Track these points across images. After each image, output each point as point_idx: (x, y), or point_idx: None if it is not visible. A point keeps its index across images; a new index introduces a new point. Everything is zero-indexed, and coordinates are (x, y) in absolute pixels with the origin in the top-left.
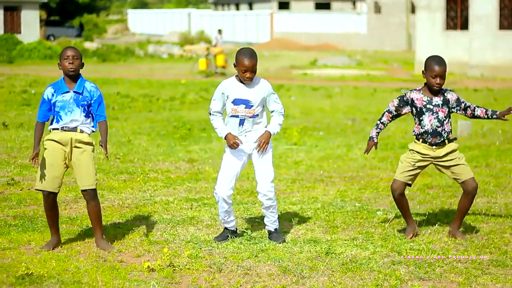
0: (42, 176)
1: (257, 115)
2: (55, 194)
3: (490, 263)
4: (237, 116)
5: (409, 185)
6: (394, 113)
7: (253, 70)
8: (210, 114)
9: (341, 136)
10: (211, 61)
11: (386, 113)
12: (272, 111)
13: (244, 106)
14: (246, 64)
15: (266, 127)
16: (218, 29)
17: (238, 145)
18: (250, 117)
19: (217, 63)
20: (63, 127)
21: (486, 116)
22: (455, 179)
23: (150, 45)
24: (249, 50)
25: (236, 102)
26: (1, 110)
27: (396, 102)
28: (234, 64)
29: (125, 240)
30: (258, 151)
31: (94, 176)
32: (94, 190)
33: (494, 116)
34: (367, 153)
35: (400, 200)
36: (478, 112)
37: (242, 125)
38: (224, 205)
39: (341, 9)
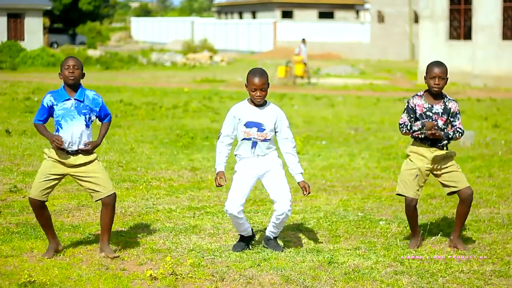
0: (34, 183)
1: (269, 139)
2: (43, 201)
3: (493, 274)
4: (249, 139)
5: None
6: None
7: (262, 88)
8: (219, 137)
9: (344, 145)
10: (291, 69)
11: (406, 124)
12: (283, 139)
13: (256, 129)
14: (256, 82)
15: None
16: (302, 38)
17: (220, 185)
18: (261, 141)
19: (296, 72)
20: (68, 151)
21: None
22: (452, 187)
23: (153, 53)
24: (258, 70)
25: (248, 124)
26: (4, 117)
27: (405, 116)
28: (245, 85)
29: (128, 248)
30: (304, 194)
31: (110, 181)
32: (115, 194)
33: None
34: (432, 134)
35: (414, 213)
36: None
37: (254, 148)
38: (236, 220)
39: (344, 18)
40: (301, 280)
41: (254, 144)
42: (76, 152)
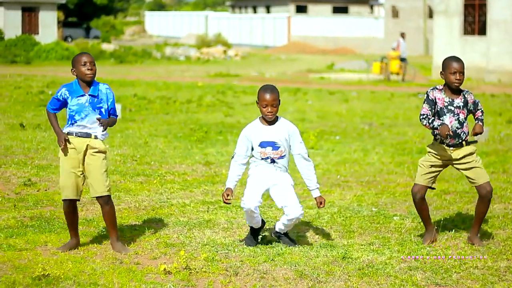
0: (63, 185)
1: (285, 155)
2: (76, 201)
3: (507, 270)
4: (267, 158)
5: (432, 188)
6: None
7: (273, 104)
8: (233, 157)
9: (358, 141)
10: (386, 65)
11: (428, 116)
12: (296, 154)
13: (271, 148)
14: (267, 98)
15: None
16: (402, 33)
17: (227, 202)
18: (278, 158)
19: (391, 68)
20: (78, 133)
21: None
22: (471, 182)
23: (167, 47)
24: (269, 86)
25: (262, 144)
26: (19, 111)
27: (427, 107)
28: (256, 101)
29: (142, 243)
30: (319, 207)
31: (105, 183)
32: (107, 196)
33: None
34: (447, 137)
35: (421, 204)
36: (475, 115)
37: (275, 163)
38: (252, 214)
39: (358, 13)
40: (315, 275)
41: (274, 160)
42: (89, 135)
